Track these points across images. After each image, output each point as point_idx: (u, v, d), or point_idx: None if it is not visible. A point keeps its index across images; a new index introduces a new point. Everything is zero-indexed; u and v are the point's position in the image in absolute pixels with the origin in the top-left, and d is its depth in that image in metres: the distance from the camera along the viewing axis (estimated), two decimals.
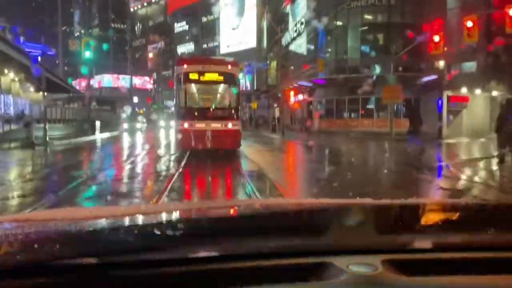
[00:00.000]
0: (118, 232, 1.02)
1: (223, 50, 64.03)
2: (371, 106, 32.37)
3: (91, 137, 26.92)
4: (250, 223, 1.13)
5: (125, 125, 37.01)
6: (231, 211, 1.38)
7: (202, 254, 0.87)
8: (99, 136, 28.72)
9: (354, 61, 32.26)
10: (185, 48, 76.53)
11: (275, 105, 56.16)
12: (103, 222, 1.15)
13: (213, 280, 0.83)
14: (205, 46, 71.54)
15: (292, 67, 51.90)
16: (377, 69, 31.53)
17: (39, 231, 1.03)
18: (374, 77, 31.04)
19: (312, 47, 37.77)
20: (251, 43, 58.87)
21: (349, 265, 0.85)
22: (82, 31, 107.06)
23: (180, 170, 10.58)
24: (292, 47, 44.37)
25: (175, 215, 1.32)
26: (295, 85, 38.27)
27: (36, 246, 0.86)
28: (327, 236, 0.97)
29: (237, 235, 0.98)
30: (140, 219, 1.21)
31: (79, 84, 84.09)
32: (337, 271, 0.84)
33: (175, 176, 9.29)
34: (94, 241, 0.91)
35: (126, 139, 27.98)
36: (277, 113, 57.08)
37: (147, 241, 0.91)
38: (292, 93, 36.75)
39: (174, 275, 0.83)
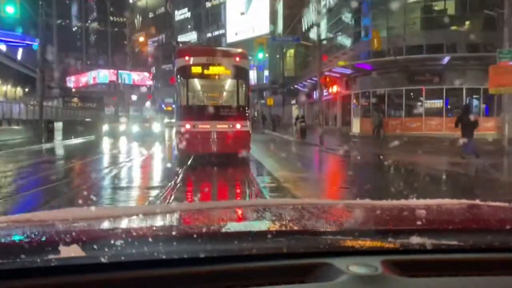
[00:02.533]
0: (119, 233, 1.01)
1: (230, 38, 55.77)
2: (438, 100, 23.62)
3: (43, 146, 18.37)
4: (250, 224, 1.12)
5: (107, 128, 28.25)
6: (232, 212, 1.37)
7: (203, 255, 0.86)
8: (59, 144, 20.17)
9: (415, 37, 23.51)
10: (187, 38, 68.05)
11: (293, 101, 47.88)
12: (103, 223, 1.14)
13: (213, 281, 0.83)
14: (209, 35, 63.00)
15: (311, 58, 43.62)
16: (448, 49, 22.83)
17: (40, 232, 1.02)
18: (445, 59, 22.31)
19: (346, 25, 29.09)
20: (263, 29, 50.40)
21: (349, 266, 0.85)
22: (79, 24, 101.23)
23: None
24: (311, 35, 35.92)
25: (175, 216, 1.31)
26: (326, 73, 29.63)
27: (36, 247, 0.85)
28: (327, 237, 0.96)
29: (237, 236, 0.97)
30: (140, 220, 1.20)
31: (77, 80, 76.68)
32: (337, 272, 0.83)
33: None
34: (95, 242, 0.89)
35: (97, 150, 19.17)
36: (294, 112, 48.54)
37: (146, 241, 0.90)
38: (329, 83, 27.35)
39: (173, 276, 0.82)
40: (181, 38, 68.57)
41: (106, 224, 1.13)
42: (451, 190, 8.23)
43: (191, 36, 67.79)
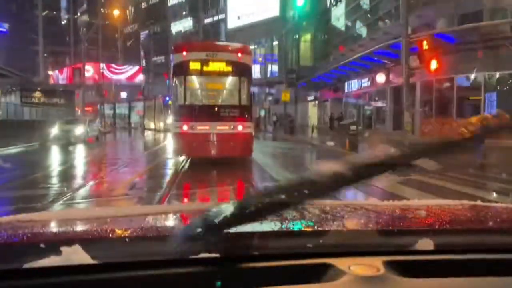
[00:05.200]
0: (119, 233, 1.02)
1: (232, 23, 47.83)
2: None
3: None
4: (250, 224, 1.13)
5: (55, 132, 21.13)
6: None
7: (204, 255, 0.85)
8: None
9: None
10: (182, 26, 59.89)
11: (311, 97, 39.57)
12: (105, 223, 1.14)
13: (214, 281, 0.83)
14: (207, 21, 54.75)
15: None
16: None
17: (42, 232, 1.04)
18: None
19: None
20: (272, 10, 42.58)
21: (351, 266, 0.85)
22: (67, 16, 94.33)
23: None
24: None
25: (175, 216, 1.32)
26: (363, 58, 21.39)
27: (38, 247, 0.85)
28: (328, 237, 0.97)
29: (237, 236, 0.97)
30: (141, 220, 1.20)
31: (61, 74, 68.93)
32: (338, 272, 0.84)
33: None
34: (96, 242, 0.91)
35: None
36: (311, 110, 40.22)
37: (147, 242, 0.91)
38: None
39: (174, 277, 0.83)
40: (175, 25, 60.36)
41: (107, 225, 1.12)
42: None
43: (186, 23, 59.54)
